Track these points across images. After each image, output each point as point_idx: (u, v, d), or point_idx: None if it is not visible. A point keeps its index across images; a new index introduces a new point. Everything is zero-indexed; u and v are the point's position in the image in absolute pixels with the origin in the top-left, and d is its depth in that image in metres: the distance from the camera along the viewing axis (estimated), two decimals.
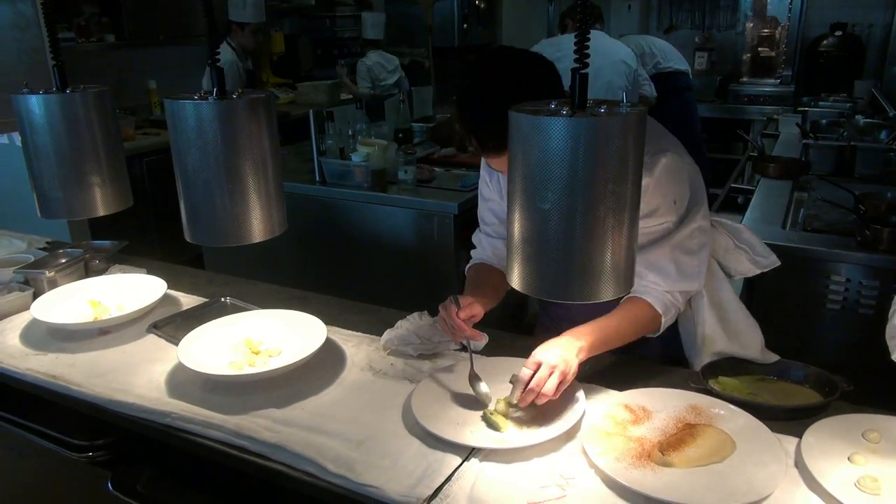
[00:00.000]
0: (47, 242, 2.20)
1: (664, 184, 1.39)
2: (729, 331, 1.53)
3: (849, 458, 1.12)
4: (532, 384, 1.25)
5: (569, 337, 1.34)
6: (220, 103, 1.23)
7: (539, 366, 1.26)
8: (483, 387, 1.34)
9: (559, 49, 3.94)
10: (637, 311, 1.43)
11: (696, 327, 1.54)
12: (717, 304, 1.56)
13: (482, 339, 1.48)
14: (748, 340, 1.51)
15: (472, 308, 1.45)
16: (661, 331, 1.46)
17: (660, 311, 1.42)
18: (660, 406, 1.29)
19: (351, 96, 5.31)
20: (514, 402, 1.27)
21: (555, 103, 1.03)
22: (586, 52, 0.99)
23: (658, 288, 1.42)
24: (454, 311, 1.42)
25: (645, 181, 1.34)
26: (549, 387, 1.24)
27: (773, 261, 1.61)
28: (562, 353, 1.28)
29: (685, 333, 1.58)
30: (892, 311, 1.43)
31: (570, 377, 1.28)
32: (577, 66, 0.99)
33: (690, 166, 1.46)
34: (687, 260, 1.43)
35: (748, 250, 1.61)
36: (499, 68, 1.34)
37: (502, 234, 1.65)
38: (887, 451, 1.14)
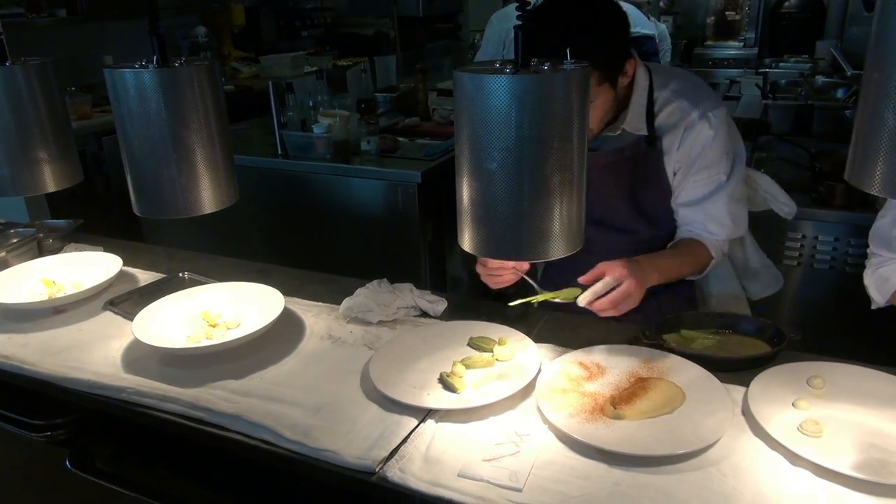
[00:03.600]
0: None
1: (722, 137, 1.50)
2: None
3: (793, 404, 1.15)
4: (607, 302, 1.35)
5: (643, 264, 1.42)
6: (161, 71, 1.20)
7: (615, 281, 1.35)
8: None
9: (508, 20, 3.90)
10: (698, 252, 1.55)
11: (747, 261, 1.71)
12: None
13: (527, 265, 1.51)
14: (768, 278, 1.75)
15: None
16: (703, 274, 1.57)
17: (714, 256, 1.53)
18: (613, 362, 1.31)
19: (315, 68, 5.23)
20: (582, 303, 1.35)
21: (499, 62, 1.03)
22: (528, 9, 0.99)
23: (717, 238, 1.55)
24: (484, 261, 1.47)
25: (708, 134, 1.49)
26: (616, 310, 1.35)
27: (793, 207, 1.75)
28: (638, 275, 1.36)
29: (736, 265, 1.74)
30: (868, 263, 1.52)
31: (637, 299, 1.36)
32: (520, 22, 0.99)
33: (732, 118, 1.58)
34: (738, 210, 1.55)
35: (772, 199, 1.75)
36: None
37: None
38: (830, 396, 1.18)
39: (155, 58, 1.22)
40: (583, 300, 1.35)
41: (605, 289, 1.35)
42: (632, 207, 1.59)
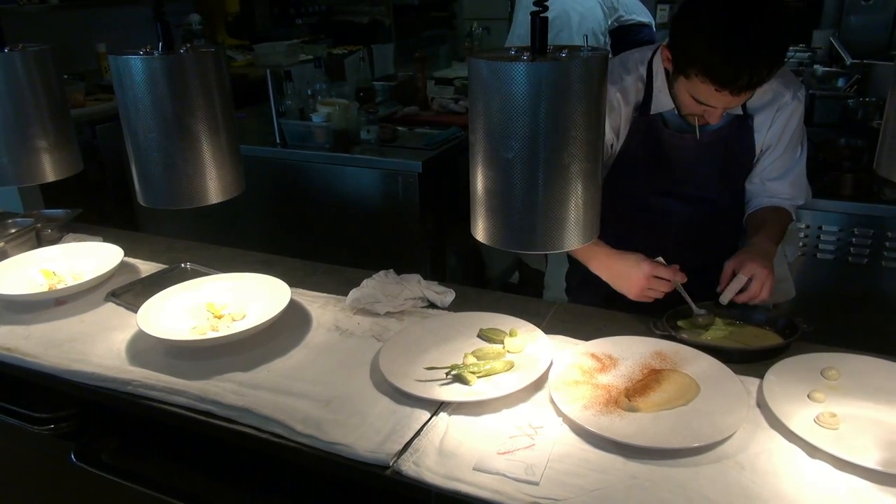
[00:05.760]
0: None
1: (803, 115, 1.62)
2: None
3: (808, 396, 1.15)
4: (748, 297, 1.43)
5: (763, 248, 1.50)
6: (167, 58, 1.18)
7: (751, 277, 1.42)
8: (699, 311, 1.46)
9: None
10: (784, 218, 1.65)
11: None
12: None
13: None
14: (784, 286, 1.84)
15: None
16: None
17: (794, 219, 1.67)
18: (626, 353, 1.30)
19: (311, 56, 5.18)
20: (725, 302, 1.44)
21: (515, 49, 1.01)
22: None
23: (795, 203, 1.67)
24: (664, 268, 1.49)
25: (797, 114, 1.59)
26: (763, 297, 1.42)
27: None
28: (766, 264, 1.44)
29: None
30: None
31: (772, 280, 1.43)
32: (537, 9, 0.97)
33: None
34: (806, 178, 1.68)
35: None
36: None
37: None
38: (845, 388, 1.17)
39: (160, 44, 1.19)
40: (725, 300, 1.45)
41: (739, 286, 1.43)
42: (719, 180, 1.66)
